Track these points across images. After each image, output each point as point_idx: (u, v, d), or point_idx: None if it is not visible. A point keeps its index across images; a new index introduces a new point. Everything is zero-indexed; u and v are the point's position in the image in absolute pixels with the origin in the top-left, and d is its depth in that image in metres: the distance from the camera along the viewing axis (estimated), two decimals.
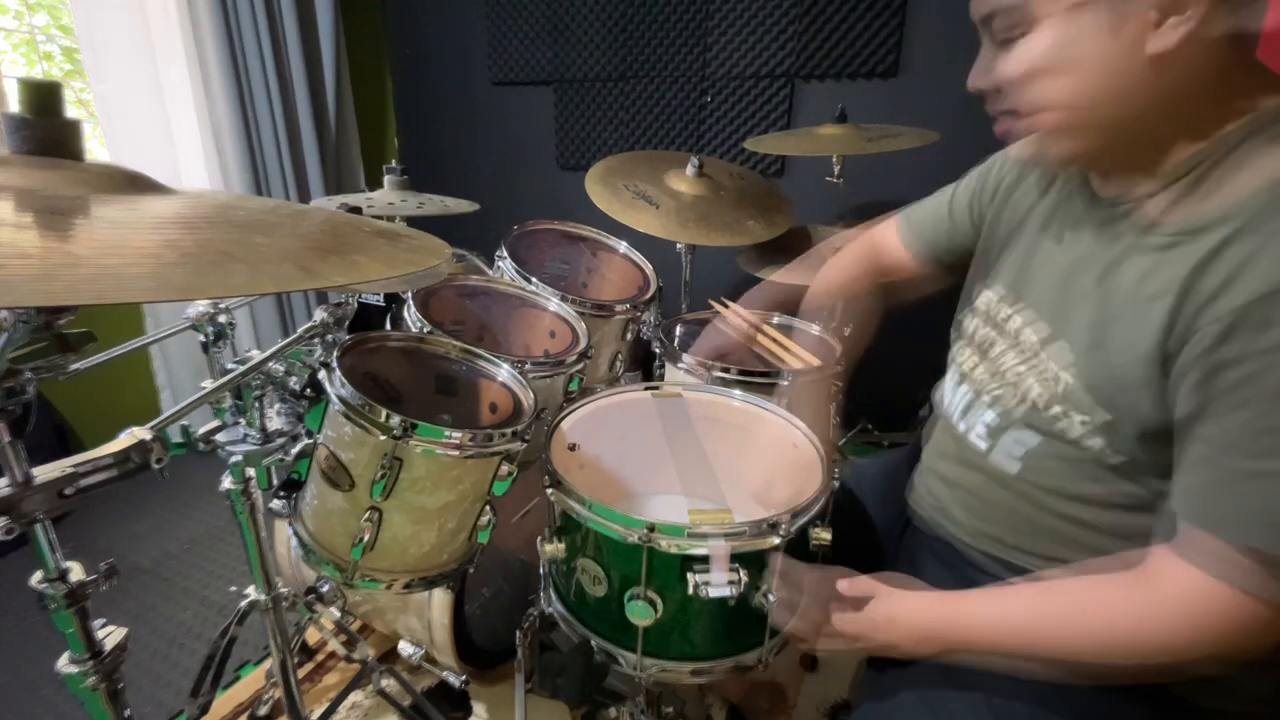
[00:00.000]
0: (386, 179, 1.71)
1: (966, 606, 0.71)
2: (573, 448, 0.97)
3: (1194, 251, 0.59)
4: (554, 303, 1.36)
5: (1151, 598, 0.61)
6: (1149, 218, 0.65)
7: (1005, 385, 0.77)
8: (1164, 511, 0.63)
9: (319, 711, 1.35)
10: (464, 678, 1.30)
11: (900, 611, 0.73)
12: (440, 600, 1.23)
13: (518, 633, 1.12)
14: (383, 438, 0.86)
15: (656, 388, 1.16)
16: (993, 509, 0.79)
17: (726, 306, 1.57)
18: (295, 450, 1.00)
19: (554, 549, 0.89)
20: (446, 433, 0.88)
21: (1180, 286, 0.59)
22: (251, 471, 1.00)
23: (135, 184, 0.59)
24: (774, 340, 1.43)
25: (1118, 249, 0.67)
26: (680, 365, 1.34)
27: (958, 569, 0.84)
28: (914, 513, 0.93)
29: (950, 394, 0.87)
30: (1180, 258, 0.60)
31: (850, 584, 0.77)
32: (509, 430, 0.93)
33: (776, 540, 0.79)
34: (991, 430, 0.78)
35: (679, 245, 1.81)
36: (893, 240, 1.05)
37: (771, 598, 0.81)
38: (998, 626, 0.68)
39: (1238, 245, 0.57)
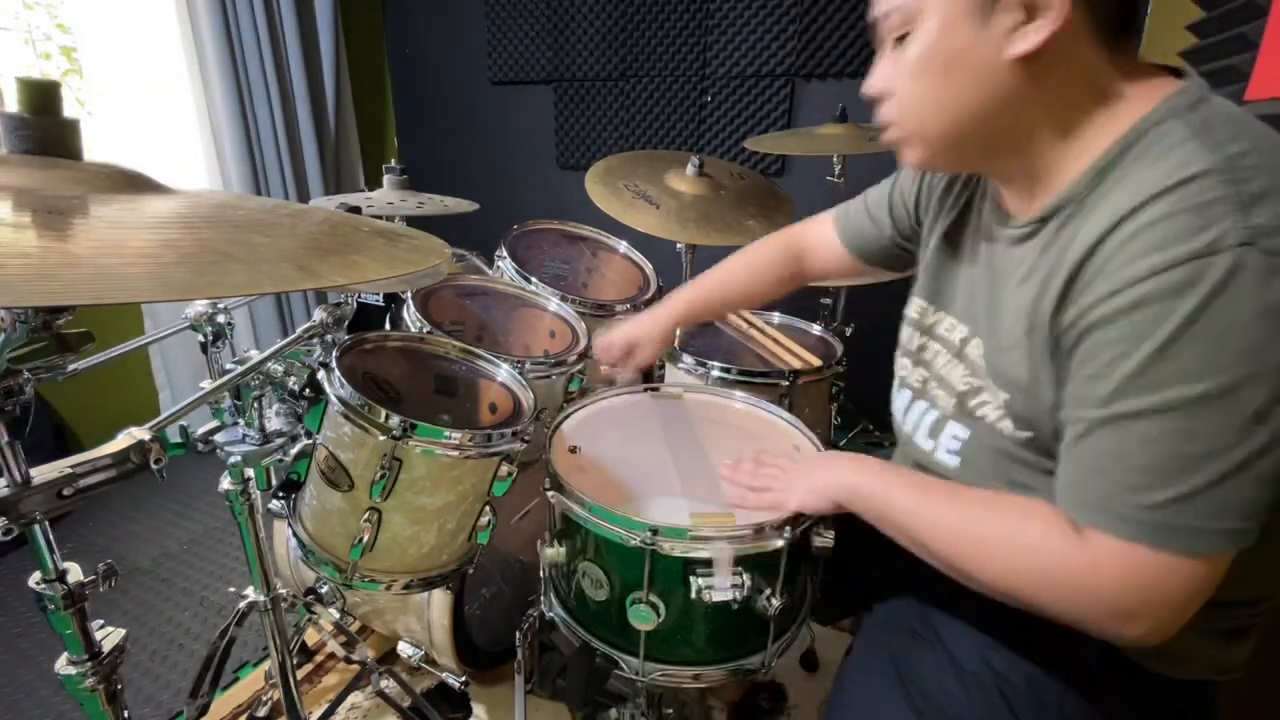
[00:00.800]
0: (386, 179, 1.70)
1: (901, 493, 0.72)
2: (574, 450, 0.97)
3: (1042, 237, 0.65)
4: (554, 303, 1.36)
5: (1077, 546, 0.59)
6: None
7: (940, 384, 0.79)
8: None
9: (318, 713, 1.34)
10: (464, 679, 1.30)
11: (866, 462, 0.78)
12: (440, 601, 1.23)
13: (517, 633, 1.12)
14: (382, 438, 0.86)
15: (657, 389, 1.16)
16: None
17: None
18: (294, 451, 0.99)
19: (555, 552, 0.89)
20: (446, 433, 0.88)
21: (1037, 268, 0.64)
22: (250, 472, 1.00)
23: (134, 183, 0.59)
24: (774, 340, 1.43)
25: (998, 247, 0.72)
26: (680, 365, 1.34)
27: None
28: None
29: (897, 403, 0.88)
30: (1034, 244, 0.66)
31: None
32: (509, 430, 0.93)
33: (780, 543, 0.79)
34: (932, 429, 0.79)
35: (679, 245, 1.80)
36: (828, 241, 1.07)
37: (775, 601, 0.81)
38: (919, 519, 0.70)
39: (1075, 220, 0.61)
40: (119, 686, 0.70)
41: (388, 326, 1.39)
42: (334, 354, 0.93)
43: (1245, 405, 0.51)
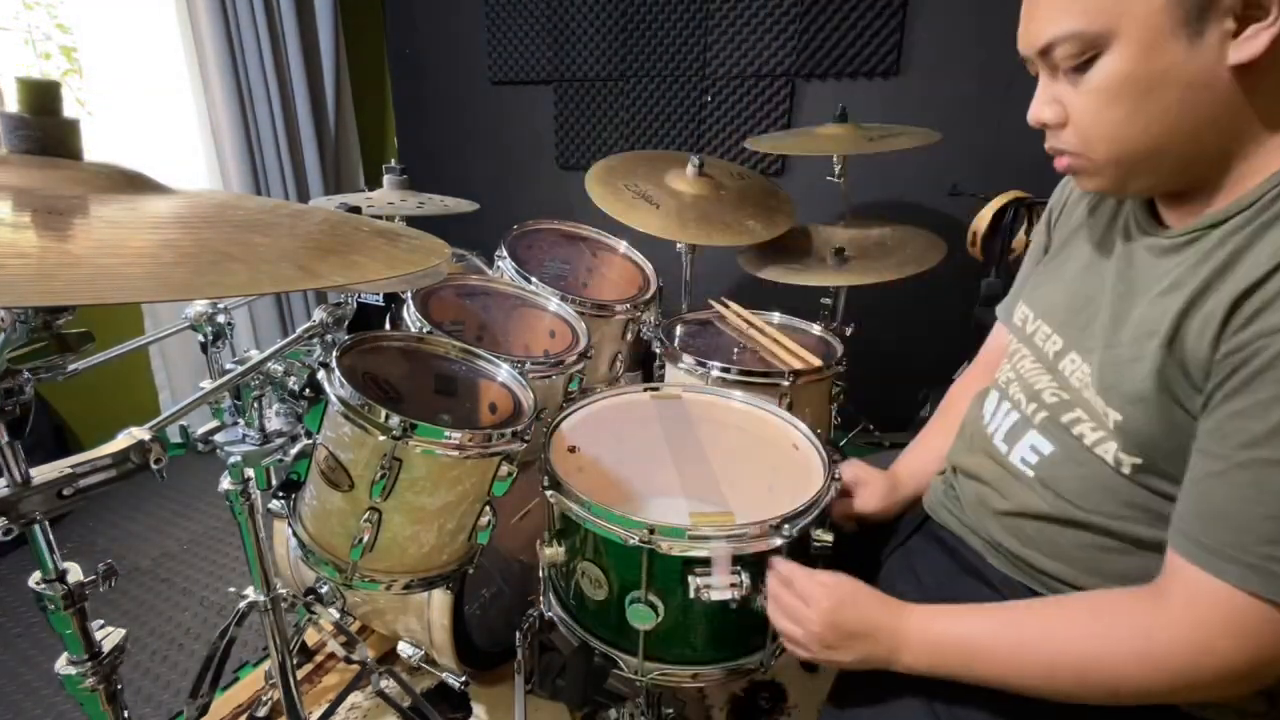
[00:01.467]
0: (386, 178, 1.70)
1: (978, 631, 0.67)
2: (572, 450, 0.97)
3: (1204, 245, 0.60)
4: (554, 303, 1.36)
5: (1160, 608, 0.58)
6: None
7: (1026, 390, 0.77)
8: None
9: (318, 713, 1.34)
10: (464, 679, 1.30)
11: (912, 629, 0.70)
12: (440, 601, 1.23)
13: (517, 633, 1.12)
14: (382, 438, 0.86)
15: (656, 389, 1.16)
16: (1004, 496, 0.76)
17: (727, 306, 1.57)
18: (294, 451, 0.99)
19: (554, 552, 0.89)
20: (446, 433, 0.88)
21: (1191, 278, 0.59)
22: (250, 472, 1.00)
23: (134, 183, 0.59)
24: (774, 340, 1.43)
25: (1138, 258, 0.68)
26: (680, 365, 1.34)
27: (953, 563, 0.83)
28: (926, 508, 0.91)
29: (986, 404, 0.86)
30: (1192, 253, 0.61)
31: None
32: (509, 430, 0.93)
33: (779, 542, 0.79)
34: (1010, 433, 0.77)
35: (679, 245, 1.80)
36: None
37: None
38: (1009, 654, 0.65)
39: (1245, 231, 0.57)
40: (119, 686, 0.70)
41: (388, 326, 1.39)
42: (334, 354, 0.93)
43: None
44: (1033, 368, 0.76)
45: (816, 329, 1.54)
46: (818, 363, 1.33)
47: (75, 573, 0.67)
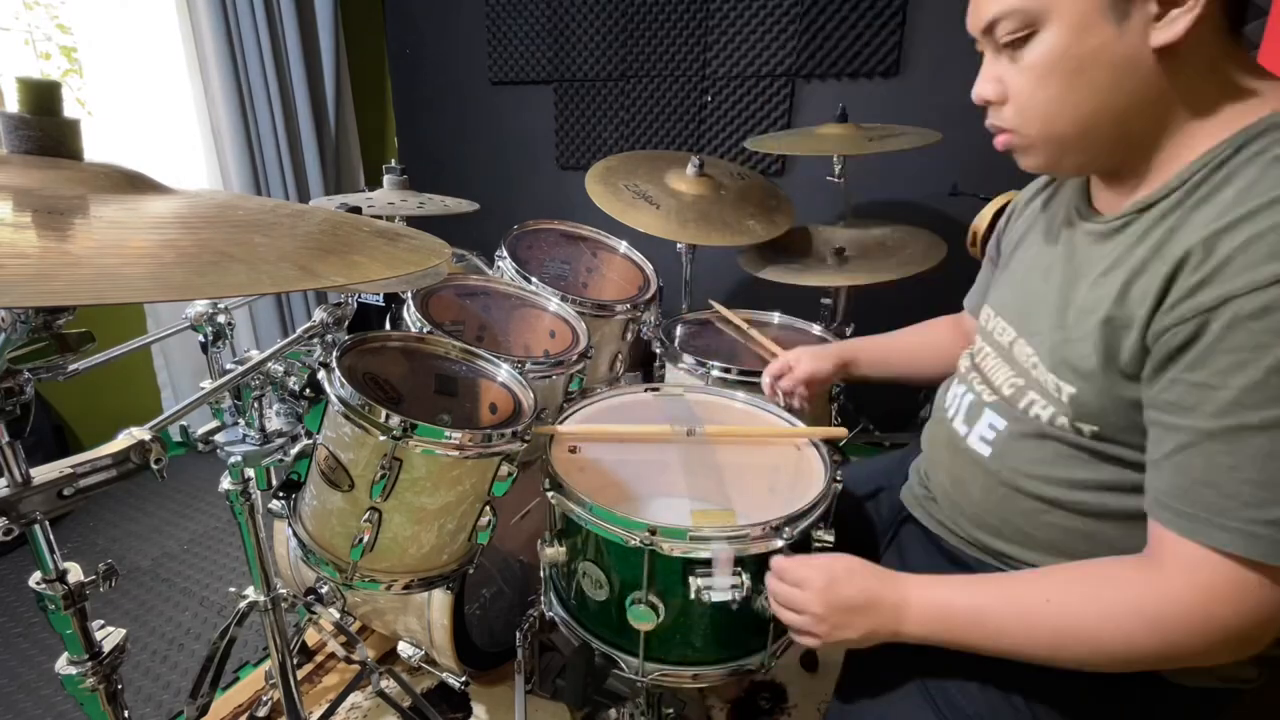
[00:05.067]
0: (386, 179, 1.70)
1: (983, 601, 0.68)
2: (574, 450, 0.97)
3: (1138, 227, 0.63)
4: (554, 303, 1.36)
5: (1158, 577, 0.59)
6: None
7: (983, 379, 0.80)
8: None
9: (318, 713, 1.34)
10: (464, 679, 1.30)
11: (912, 598, 0.71)
12: (440, 601, 1.23)
13: (517, 633, 1.12)
14: (382, 438, 0.86)
15: (658, 389, 1.16)
16: (968, 490, 0.79)
17: (720, 315, 1.56)
18: (294, 451, 0.99)
19: (555, 552, 0.89)
20: (446, 433, 0.88)
21: (1128, 258, 0.62)
22: (250, 472, 1.00)
23: (134, 183, 0.59)
24: (774, 340, 1.43)
25: (1080, 244, 0.70)
26: (680, 365, 1.34)
27: (939, 556, 0.85)
28: (904, 503, 0.94)
29: (949, 393, 0.89)
30: (1127, 236, 0.64)
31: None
32: (509, 431, 0.93)
33: (780, 543, 0.79)
34: (969, 414, 0.80)
35: (679, 245, 1.80)
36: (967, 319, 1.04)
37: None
38: (1016, 624, 0.65)
39: (1176, 213, 0.59)
40: (119, 686, 0.70)
41: (388, 326, 1.39)
42: (334, 354, 0.93)
43: None
44: (995, 363, 0.79)
45: (816, 329, 1.54)
46: None
47: (75, 573, 0.67)
